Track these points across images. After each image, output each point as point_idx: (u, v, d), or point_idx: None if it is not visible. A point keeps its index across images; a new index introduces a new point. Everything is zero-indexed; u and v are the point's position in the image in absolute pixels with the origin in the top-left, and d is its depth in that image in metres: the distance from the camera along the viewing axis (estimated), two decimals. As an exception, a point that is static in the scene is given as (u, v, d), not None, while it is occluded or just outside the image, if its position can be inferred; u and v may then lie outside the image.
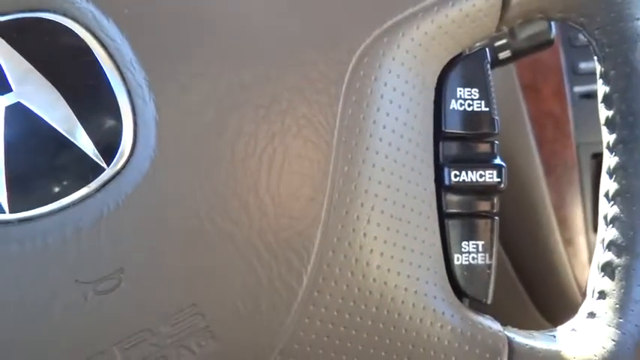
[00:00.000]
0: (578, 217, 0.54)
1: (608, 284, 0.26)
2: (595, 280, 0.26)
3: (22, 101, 0.23)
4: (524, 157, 0.53)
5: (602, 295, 0.26)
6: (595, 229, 0.54)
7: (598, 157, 0.54)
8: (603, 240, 0.26)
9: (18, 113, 0.23)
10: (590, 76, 0.28)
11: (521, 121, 0.54)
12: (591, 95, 0.54)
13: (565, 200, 0.54)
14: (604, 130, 0.27)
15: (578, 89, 0.55)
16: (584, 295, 0.27)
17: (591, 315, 0.26)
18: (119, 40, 0.23)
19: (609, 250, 0.26)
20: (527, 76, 0.55)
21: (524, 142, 0.53)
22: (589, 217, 0.54)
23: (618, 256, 0.26)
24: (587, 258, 0.54)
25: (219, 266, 0.23)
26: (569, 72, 0.55)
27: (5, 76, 0.23)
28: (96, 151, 0.23)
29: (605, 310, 0.26)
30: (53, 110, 0.23)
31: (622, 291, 0.25)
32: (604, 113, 0.27)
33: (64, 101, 0.23)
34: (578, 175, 0.54)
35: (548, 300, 0.55)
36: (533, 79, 0.55)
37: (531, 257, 0.54)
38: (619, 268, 0.26)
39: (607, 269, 0.26)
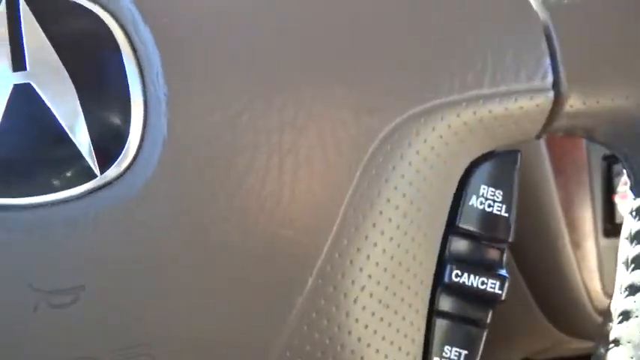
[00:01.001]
0: (587, 219, 0.53)
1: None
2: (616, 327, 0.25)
3: (33, 83, 0.21)
4: (534, 155, 0.52)
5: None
6: (604, 233, 0.53)
7: (608, 159, 0.53)
8: (621, 285, 0.25)
9: (25, 94, 0.21)
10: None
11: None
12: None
13: (574, 202, 0.53)
14: (622, 268, 0.25)
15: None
16: (604, 317, 0.26)
17: None
18: (151, 48, 0.22)
19: (630, 295, 0.25)
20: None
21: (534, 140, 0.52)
22: (598, 219, 0.53)
23: None
24: (596, 262, 0.53)
25: (190, 307, 0.22)
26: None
27: (24, 51, 0.21)
28: (93, 156, 0.22)
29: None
30: (61, 102, 0.21)
31: None
32: (627, 251, 0.25)
33: (75, 95, 0.21)
34: (588, 176, 0.53)
35: (554, 303, 0.54)
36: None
37: (538, 259, 0.53)
38: None
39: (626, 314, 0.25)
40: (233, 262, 0.22)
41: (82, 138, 0.21)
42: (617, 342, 0.25)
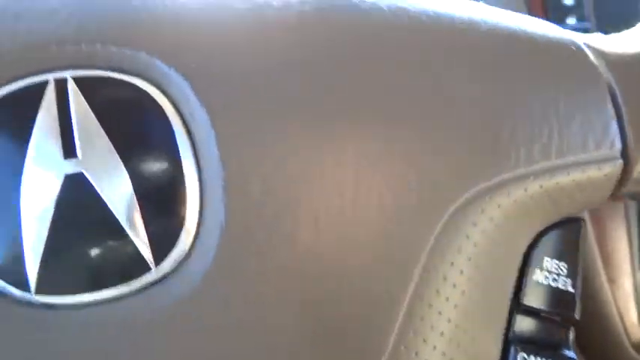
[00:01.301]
0: (622, 253, 0.52)
1: None
2: None
3: (85, 172, 0.20)
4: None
5: None
6: (641, 267, 0.51)
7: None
8: None
9: (77, 184, 0.20)
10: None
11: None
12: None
13: (610, 237, 0.51)
14: None
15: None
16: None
17: None
18: (207, 131, 0.21)
19: None
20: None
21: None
22: (635, 254, 0.52)
23: None
24: (633, 296, 0.52)
25: None
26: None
27: (74, 138, 0.20)
28: (148, 248, 0.20)
29: None
30: (115, 191, 0.20)
31: None
32: None
33: (129, 184, 0.20)
34: (623, 210, 0.52)
35: (591, 340, 0.53)
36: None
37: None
38: None
39: None
40: (293, 346, 0.21)
41: (136, 229, 0.20)
42: None
